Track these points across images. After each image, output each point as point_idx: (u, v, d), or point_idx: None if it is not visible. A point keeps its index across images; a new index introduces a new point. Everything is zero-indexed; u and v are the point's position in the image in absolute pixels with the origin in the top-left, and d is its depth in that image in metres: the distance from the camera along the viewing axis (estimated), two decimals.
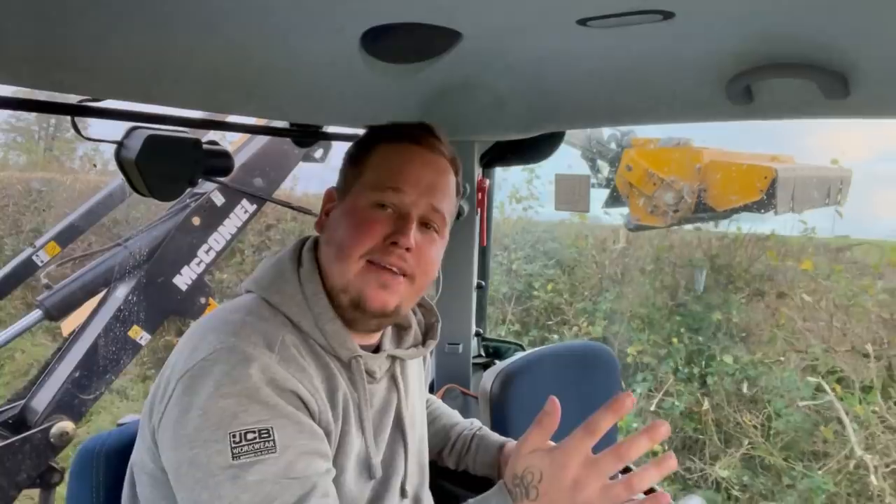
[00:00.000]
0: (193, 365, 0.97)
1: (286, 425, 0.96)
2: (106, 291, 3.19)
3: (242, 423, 0.92)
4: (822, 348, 4.51)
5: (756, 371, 4.89)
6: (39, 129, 10.10)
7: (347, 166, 1.21)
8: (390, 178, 1.13)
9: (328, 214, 1.19)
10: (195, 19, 1.03)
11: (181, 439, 0.94)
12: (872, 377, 4.23)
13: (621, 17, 1.02)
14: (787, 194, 4.41)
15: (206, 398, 0.94)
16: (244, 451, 0.91)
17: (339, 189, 1.21)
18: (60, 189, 8.39)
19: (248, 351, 0.98)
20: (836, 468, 4.23)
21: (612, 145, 5.42)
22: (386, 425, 1.22)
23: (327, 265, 1.14)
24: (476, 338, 2.27)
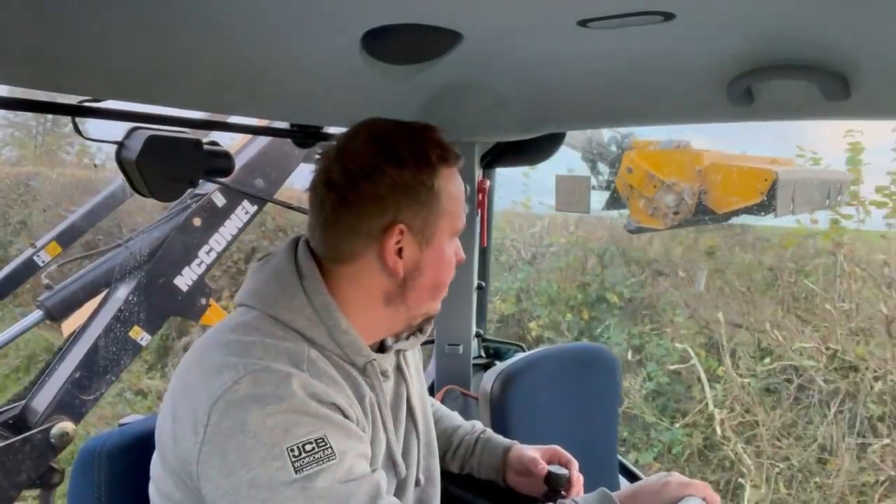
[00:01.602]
0: (226, 390, 0.94)
1: (338, 432, 0.96)
2: (107, 292, 3.19)
3: (297, 437, 0.92)
4: (690, 319, 5.26)
5: (640, 341, 5.53)
6: (37, 124, 10.13)
7: (421, 201, 1.10)
8: (462, 217, 1.18)
9: (401, 254, 1.10)
10: (196, 20, 1.03)
11: (234, 464, 0.92)
12: (730, 344, 4.92)
13: (622, 19, 1.02)
14: (788, 196, 4.42)
15: (252, 419, 0.92)
16: (306, 462, 0.91)
17: (412, 227, 1.10)
18: (46, 183, 8.41)
19: (283, 370, 0.97)
20: (691, 422, 4.91)
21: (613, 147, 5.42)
22: (401, 419, 1.23)
23: (414, 303, 1.15)
24: (476, 339, 2.27)
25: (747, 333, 4.97)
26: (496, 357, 2.33)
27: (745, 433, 4.68)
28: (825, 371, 4.49)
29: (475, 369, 2.23)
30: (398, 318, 1.17)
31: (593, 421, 1.88)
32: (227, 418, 0.93)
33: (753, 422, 4.68)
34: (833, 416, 4.39)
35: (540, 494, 1.35)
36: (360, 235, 1.09)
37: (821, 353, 4.54)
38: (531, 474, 1.38)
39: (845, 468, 4.19)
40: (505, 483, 1.43)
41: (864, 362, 4.33)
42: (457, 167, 1.16)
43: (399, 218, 1.08)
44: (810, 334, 4.68)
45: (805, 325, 4.75)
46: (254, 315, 1.07)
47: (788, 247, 5.11)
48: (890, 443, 4.14)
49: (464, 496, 1.48)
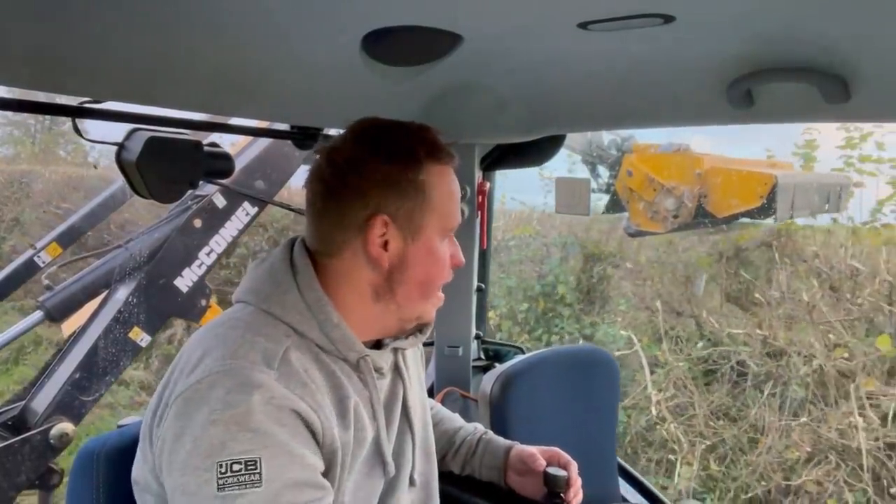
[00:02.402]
0: (188, 388, 0.96)
1: (276, 455, 0.94)
2: (107, 293, 3.19)
3: (230, 453, 0.91)
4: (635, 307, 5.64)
5: (591, 329, 5.83)
6: (35, 122, 10.17)
7: (407, 193, 1.11)
8: (456, 213, 1.18)
9: (386, 247, 1.11)
10: (196, 21, 1.03)
11: (174, 465, 0.94)
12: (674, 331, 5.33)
13: (622, 21, 1.02)
14: (787, 200, 4.43)
15: (198, 424, 0.93)
16: (229, 482, 0.90)
17: (397, 219, 1.11)
18: (40, 180, 8.46)
19: (245, 373, 0.96)
20: (632, 404, 5.12)
21: (613, 150, 5.43)
22: (395, 418, 1.22)
23: (404, 301, 1.15)
24: (476, 340, 2.28)
25: (691, 321, 5.29)
26: (496, 359, 2.33)
27: (681, 415, 4.94)
28: (758, 356, 4.79)
29: (475, 371, 2.22)
30: (389, 316, 1.16)
31: (592, 423, 1.88)
32: (179, 416, 0.95)
33: (689, 403, 4.95)
34: (766, 397, 4.64)
35: (540, 496, 1.35)
36: (346, 227, 1.11)
37: (754, 339, 4.87)
38: (531, 474, 1.38)
39: (769, 445, 4.43)
40: (506, 484, 1.43)
41: (793, 347, 4.61)
42: (450, 166, 1.17)
43: (382, 209, 1.10)
44: (746, 321, 5.03)
45: (744, 312, 5.12)
46: (248, 310, 1.09)
47: (740, 240, 5.34)
48: (808, 422, 4.37)
49: (464, 498, 1.48)
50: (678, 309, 5.41)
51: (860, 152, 4.77)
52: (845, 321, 4.57)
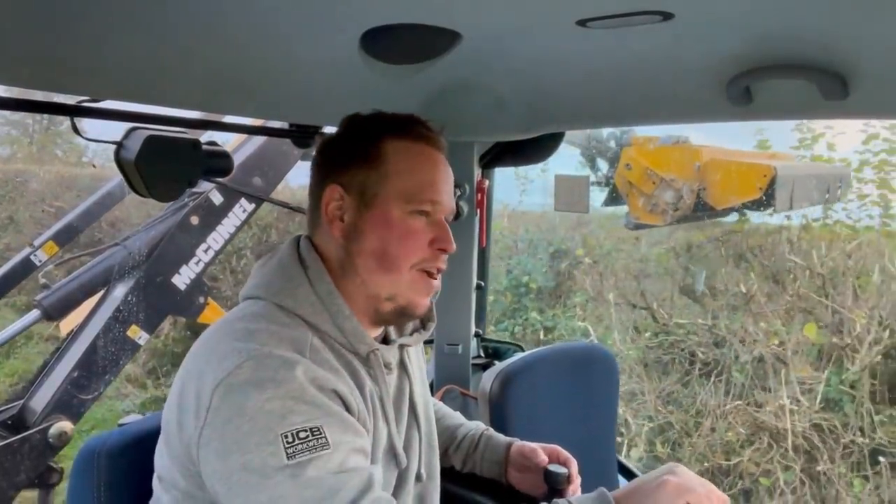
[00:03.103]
0: (228, 374, 0.95)
1: (334, 423, 0.96)
2: (104, 291, 3.18)
3: (292, 424, 0.92)
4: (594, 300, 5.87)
5: (553, 322, 6.02)
6: (33, 122, 10.17)
7: (358, 163, 1.14)
8: (427, 188, 1.15)
9: (343, 219, 1.14)
10: (194, 20, 1.03)
11: (230, 447, 0.93)
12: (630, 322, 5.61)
13: (621, 18, 1.02)
14: (786, 192, 4.42)
15: (250, 403, 0.93)
16: (298, 449, 0.91)
17: (350, 188, 1.14)
18: (34, 179, 8.49)
19: (284, 355, 0.98)
20: None
21: (612, 144, 5.42)
22: (403, 413, 1.23)
23: (366, 274, 1.13)
24: (475, 338, 2.28)
25: (646, 312, 5.50)
26: (495, 357, 2.33)
27: (632, 400, 5.12)
28: (706, 345, 5.05)
29: (474, 369, 2.23)
30: (357, 292, 1.14)
31: (592, 421, 1.88)
32: (226, 402, 0.94)
33: (639, 390, 5.13)
34: (712, 383, 4.85)
35: (540, 493, 1.35)
36: (312, 203, 1.18)
37: (701, 329, 5.13)
38: (532, 470, 1.39)
39: (712, 428, 4.68)
40: (506, 480, 1.43)
41: (734, 336, 4.87)
42: (422, 143, 1.16)
43: (333, 179, 1.14)
44: (696, 313, 5.28)
45: (695, 304, 5.37)
46: (260, 305, 1.10)
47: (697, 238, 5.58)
48: (745, 406, 4.62)
49: (465, 494, 1.48)
50: (633, 301, 5.60)
51: (812, 153, 4.97)
52: (782, 311, 4.81)
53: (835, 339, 4.47)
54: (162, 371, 6.45)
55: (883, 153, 4.78)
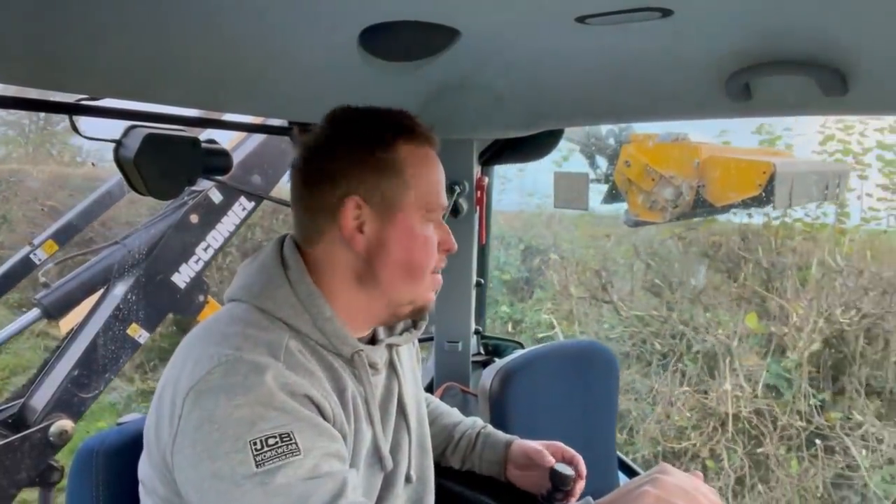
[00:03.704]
0: (199, 379, 0.95)
1: (305, 429, 0.94)
2: (104, 290, 3.18)
3: (261, 430, 0.91)
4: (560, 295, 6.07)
5: (521, 315, 6.24)
6: (29, 122, 10.19)
7: (378, 171, 1.09)
8: (439, 194, 1.15)
9: (362, 230, 1.10)
10: (193, 18, 1.03)
11: (200, 455, 0.92)
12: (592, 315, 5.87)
13: (620, 15, 1.02)
14: (786, 189, 4.41)
15: (220, 410, 0.92)
16: (268, 456, 0.90)
17: (371, 199, 1.10)
18: (27, 179, 8.53)
19: (255, 360, 0.97)
20: None
21: (611, 141, 5.42)
22: (391, 414, 1.22)
23: (389, 285, 1.12)
24: (475, 335, 2.28)
25: (609, 306, 5.71)
26: (495, 354, 2.33)
27: None
28: (664, 336, 5.27)
29: (474, 366, 2.23)
30: (375, 302, 1.14)
31: (592, 418, 1.88)
32: (196, 408, 0.93)
33: None
34: (669, 372, 5.05)
35: (540, 490, 1.35)
36: (320, 212, 1.11)
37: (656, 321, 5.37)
38: (533, 468, 1.38)
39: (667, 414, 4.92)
40: (505, 478, 1.43)
41: (688, 327, 5.13)
42: (428, 147, 1.15)
43: (353, 190, 1.09)
44: (654, 305, 5.49)
45: (653, 297, 5.59)
46: (241, 307, 1.09)
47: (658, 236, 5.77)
48: (694, 392, 4.87)
49: (463, 492, 1.48)
50: (596, 296, 5.80)
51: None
52: (729, 303, 5.10)
53: (773, 328, 4.74)
54: (150, 366, 6.47)
55: (838, 153, 4.99)
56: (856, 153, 4.99)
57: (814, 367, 4.55)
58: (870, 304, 4.55)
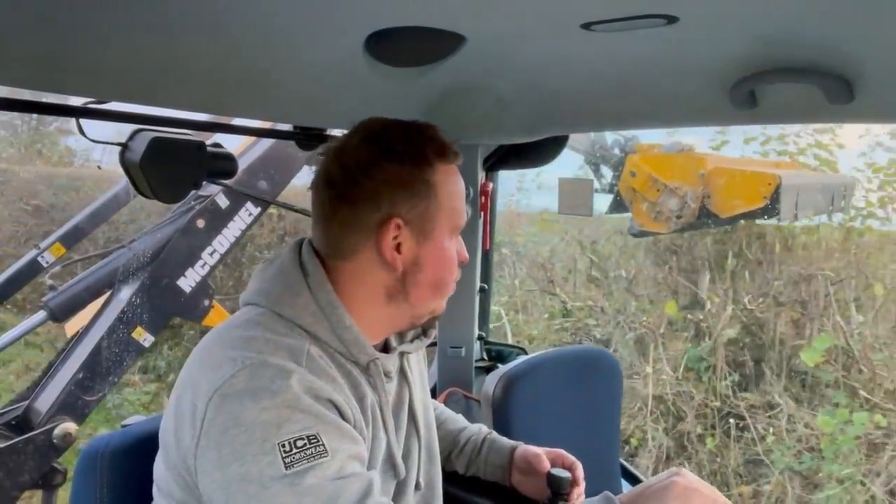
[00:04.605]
0: (223, 383, 0.95)
1: (331, 431, 0.95)
2: (110, 293, 3.19)
3: (289, 433, 0.91)
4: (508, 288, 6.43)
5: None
6: (21, 123, 10.27)
7: (418, 193, 1.10)
8: (463, 212, 1.17)
9: (399, 249, 1.11)
10: (200, 22, 1.03)
11: (227, 458, 0.92)
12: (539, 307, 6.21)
13: (625, 22, 1.02)
14: (791, 201, 4.41)
15: (246, 413, 0.92)
16: (296, 458, 0.90)
17: (409, 221, 1.10)
18: (14, 179, 8.63)
19: (279, 363, 0.97)
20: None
21: (616, 151, 5.42)
22: (402, 422, 1.22)
23: (417, 300, 1.15)
24: (478, 341, 2.27)
25: (556, 298, 6.04)
26: (498, 360, 2.32)
27: None
28: (602, 325, 5.67)
29: (477, 372, 2.22)
30: (401, 315, 1.16)
31: (595, 424, 1.88)
32: (222, 412, 0.93)
33: None
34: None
35: (542, 496, 1.35)
36: (358, 230, 1.10)
37: (595, 310, 5.78)
38: (535, 474, 1.38)
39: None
40: (509, 484, 1.43)
41: (620, 315, 5.52)
42: (456, 164, 1.16)
43: (395, 212, 1.09)
44: (594, 296, 5.90)
45: (597, 289, 5.97)
46: (259, 312, 1.09)
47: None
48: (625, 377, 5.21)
49: (467, 498, 1.48)
50: (543, 288, 6.15)
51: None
52: (655, 294, 5.57)
53: (690, 315, 5.18)
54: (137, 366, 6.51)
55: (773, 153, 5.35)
56: (791, 153, 5.33)
57: (731, 352, 4.92)
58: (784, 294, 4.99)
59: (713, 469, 4.58)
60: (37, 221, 7.27)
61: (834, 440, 4.15)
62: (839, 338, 4.55)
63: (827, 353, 4.49)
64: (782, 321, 4.89)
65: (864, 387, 4.40)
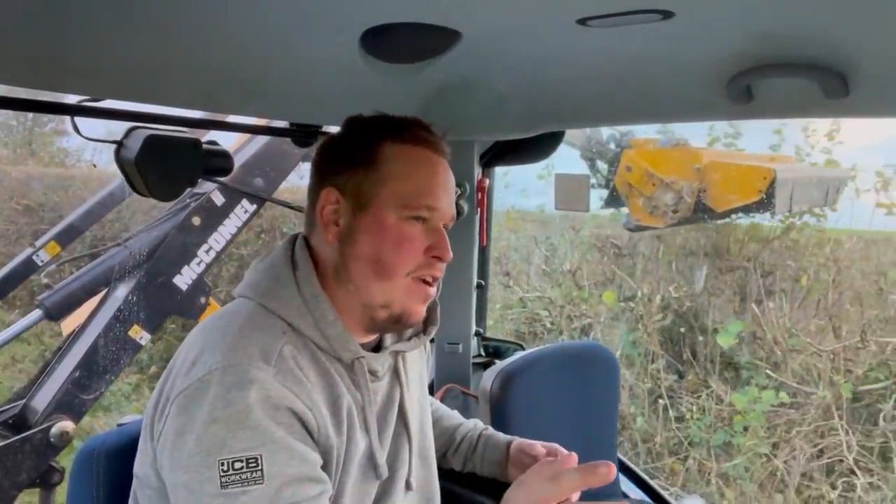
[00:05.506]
0: (189, 385, 0.97)
1: (276, 451, 0.95)
2: (106, 291, 3.18)
3: (231, 451, 0.92)
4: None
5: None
6: (17, 123, 10.26)
7: (355, 166, 1.12)
8: (424, 193, 1.12)
9: (338, 223, 1.12)
10: (195, 19, 1.03)
11: (176, 462, 0.95)
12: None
13: (621, 17, 1.02)
14: (786, 195, 4.42)
15: (199, 422, 0.94)
16: (232, 480, 0.91)
17: (346, 191, 1.12)
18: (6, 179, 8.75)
19: (243, 370, 0.97)
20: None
21: (612, 145, 5.42)
22: (390, 422, 1.21)
23: (360, 281, 1.11)
24: (476, 337, 2.28)
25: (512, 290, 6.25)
26: (496, 356, 2.33)
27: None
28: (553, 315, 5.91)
29: (475, 368, 2.23)
30: (351, 299, 1.13)
31: (593, 419, 1.88)
32: (182, 414, 0.96)
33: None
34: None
35: None
36: (309, 204, 1.16)
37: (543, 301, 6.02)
38: (530, 466, 1.38)
39: None
40: (506, 479, 1.43)
41: (569, 306, 5.83)
42: (422, 148, 1.14)
43: (329, 181, 1.13)
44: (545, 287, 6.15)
45: (549, 281, 6.22)
46: (246, 305, 1.10)
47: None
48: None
49: (464, 493, 1.48)
50: (502, 282, 6.31)
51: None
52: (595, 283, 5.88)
53: (622, 304, 5.54)
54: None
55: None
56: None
57: (663, 337, 5.35)
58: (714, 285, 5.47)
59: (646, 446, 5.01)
60: (27, 220, 7.38)
61: (745, 416, 4.64)
62: (755, 324, 5.00)
63: (742, 338, 5.01)
64: (713, 309, 5.36)
65: (774, 368, 4.85)
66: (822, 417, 4.56)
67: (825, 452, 4.50)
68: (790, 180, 4.43)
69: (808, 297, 5.13)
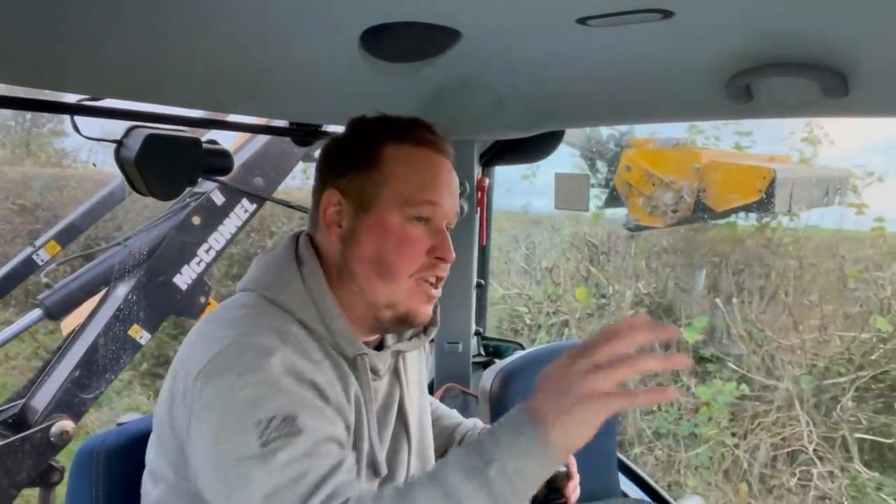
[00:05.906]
0: (209, 360, 0.97)
1: (308, 411, 0.96)
2: (106, 290, 3.18)
3: (267, 411, 0.93)
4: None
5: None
6: (15, 124, 10.27)
7: (357, 167, 1.12)
8: (426, 192, 1.12)
9: (341, 224, 1.13)
10: (194, 18, 1.03)
11: (209, 433, 0.95)
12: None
13: (621, 17, 1.02)
14: (786, 194, 4.42)
15: (228, 389, 0.94)
16: (272, 436, 0.92)
17: (348, 193, 1.12)
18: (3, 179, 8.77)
19: (264, 342, 0.98)
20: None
21: (611, 145, 5.42)
22: (390, 421, 1.22)
23: (363, 281, 1.12)
24: (476, 337, 2.28)
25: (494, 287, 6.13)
26: (495, 355, 2.33)
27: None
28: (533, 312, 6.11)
29: (475, 367, 2.23)
30: (355, 300, 1.13)
31: None
32: (207, 389, 0.96)
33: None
34: (536, 342, 5.81)
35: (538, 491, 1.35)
36: (313, 204, 1.18)
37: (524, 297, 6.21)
38: None
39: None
40: None
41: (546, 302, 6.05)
42: (423, 148, 1.14)
43: (332, 182, 1.14)
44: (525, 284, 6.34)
45: (529, 278, 6.39)
46: (251, 297, 1.11)
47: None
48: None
49: None
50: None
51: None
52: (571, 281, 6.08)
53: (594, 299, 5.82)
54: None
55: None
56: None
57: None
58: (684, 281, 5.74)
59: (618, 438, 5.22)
60: (22, 220, 7.49)
61: (709, 407, 4.89)
62: (721, 319, 5.24)
63: (706, 332, 5.25)
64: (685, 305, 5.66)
65: (736, 361, 5.09)
66: (785, 409, 4.77)
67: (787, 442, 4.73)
68: (790, 180, 4.43)
69: (776, 293, 5.30)
